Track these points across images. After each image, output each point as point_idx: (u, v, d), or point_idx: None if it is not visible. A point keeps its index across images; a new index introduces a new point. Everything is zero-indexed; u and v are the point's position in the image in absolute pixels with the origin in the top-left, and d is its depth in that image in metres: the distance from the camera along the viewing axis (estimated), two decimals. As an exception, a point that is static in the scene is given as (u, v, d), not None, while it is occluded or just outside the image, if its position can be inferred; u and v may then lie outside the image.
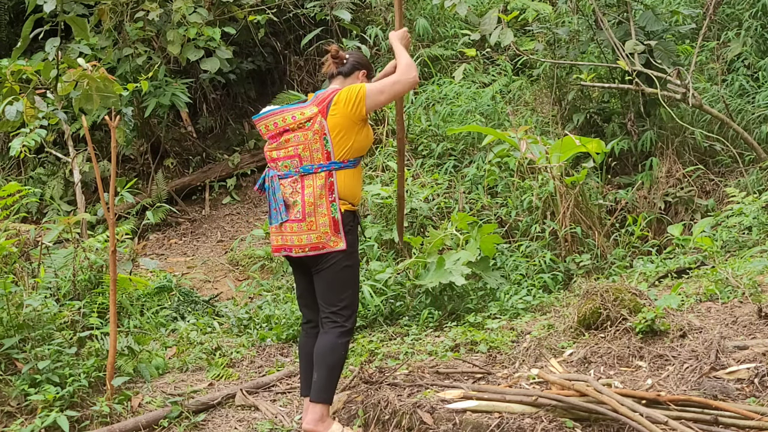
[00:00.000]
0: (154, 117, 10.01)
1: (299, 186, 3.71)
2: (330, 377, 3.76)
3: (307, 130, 3.71)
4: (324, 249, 3.67)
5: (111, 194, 4.47)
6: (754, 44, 8.42)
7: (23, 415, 4.21)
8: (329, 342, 3.75)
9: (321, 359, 3.76)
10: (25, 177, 9.98)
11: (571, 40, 8.63)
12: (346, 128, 3.72)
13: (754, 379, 3.62)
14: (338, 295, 3.77)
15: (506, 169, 7.23)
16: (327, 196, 3.69)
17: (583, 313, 4.45)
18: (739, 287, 4.78)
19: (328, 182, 3.70)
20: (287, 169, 3.75)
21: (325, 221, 3.67)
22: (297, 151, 3.72)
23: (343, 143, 3.72)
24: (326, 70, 3.96)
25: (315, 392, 3.76)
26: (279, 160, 3.78)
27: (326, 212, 3.68)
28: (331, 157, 3.70)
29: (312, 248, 3.68)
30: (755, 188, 7.05)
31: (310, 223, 3.68)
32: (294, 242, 3.72)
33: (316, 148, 3.70)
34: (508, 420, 3.47)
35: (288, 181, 3.74)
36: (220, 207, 10.09)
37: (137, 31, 8.84)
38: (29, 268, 5.86)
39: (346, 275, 3.77)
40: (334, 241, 3.67)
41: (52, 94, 4.63)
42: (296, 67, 10.93)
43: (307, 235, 3.68)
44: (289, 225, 3.73)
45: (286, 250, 3.78)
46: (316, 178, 3.70)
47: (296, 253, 3.73)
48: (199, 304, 6.82)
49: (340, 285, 3.77)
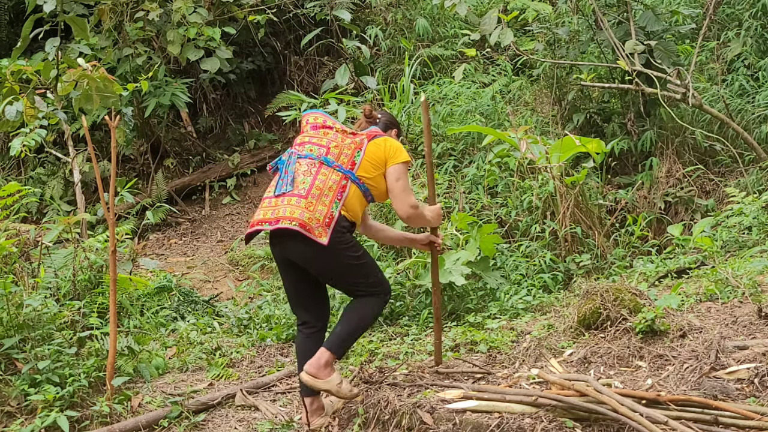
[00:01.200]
0: (154, 117, 10.01)
1: (315, 170, 3.79)
2: (348, 335, 3.85)
3: (347, 137, 3.91)
4: (308, 233, 3.64)
5: (111, 194, 4.47)
6: (754, 44, 8.42)
7: (23, 415, 4.21)
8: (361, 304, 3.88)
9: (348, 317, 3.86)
10: (25, 177, 9.98)
11: (571, 40, 8.63)
12: (377, 162, 3.92)
13: (754, 379, 3.62)
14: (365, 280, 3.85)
15: (506, 169, 7.22)
16: (336, 193, 3.76)
17: (583, 313, 4.45)
18: (739, 287, 4.78)
19: (342, 183, 3.79)
20: (310, 152, 3.85)
21: (323, 211, 3.70)
22: (329, 144, 3.87)
23: (368, 168, 3.90)
24: (358, 127, 4.15)
25: (330, 341, 3.82)
26: (306, 144, 3.90)
27: (327, 205, 3.72)
28: (355, 168, 3.85)
29: (300, 224, 3.65)
30: (755, 188, 7.05)
31: (310, 203, 3.70)
32: (285, 213, 3.69)
33: (347, 154, 3.86)
34: (508, 420, 3.47)
35: (306, 161, 3.82)
36: (220, 207, 10.09)
37: (137, 31, 8.84)
38: (29, 268, 5.85)
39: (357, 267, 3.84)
40: (319, 232, 3.66)
41: (52, 94, 4.63)
42: (296, 67, 10.94)
43: (301, 211, 3.68)
44: (287, 198, 3.74)
45: (270, 223, 3.71)
46: (333, 173, 3.79)
47: (283, 224, 3.66)
48: (199, 304, 6.82)
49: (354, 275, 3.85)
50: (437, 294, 4.40)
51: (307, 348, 3.89)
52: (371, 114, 4.17)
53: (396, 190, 3.94)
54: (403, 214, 3.99)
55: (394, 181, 3.94)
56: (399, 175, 3.94)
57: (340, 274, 3.87)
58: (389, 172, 3.94)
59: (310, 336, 3.95)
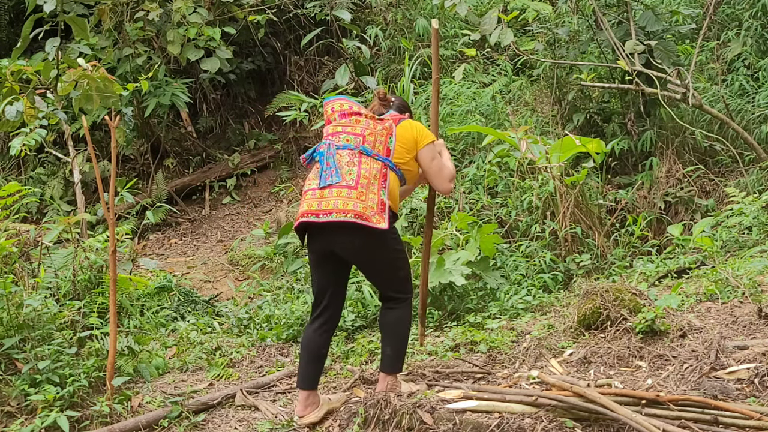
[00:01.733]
0: (154, 117, 10.01)
1: (357, 159, 3.79)
2: (402, 348, 3.96)
3: (377, 123, 3.90)
4: (366, 222, 3.64)
5: (111, 194, 4.47)
6: (754, 44, 8.42)
7: (23, 415, 4.21)
8: (400, 315, 3.92)
9: (394, 331, 3.93)
10: (25, 177, 9.98)
11: (571, 40, 8.63)
12: (408, 146, 3.97)
13: (754, 379, 3.62)
14: (397, 272, 3.90)
15: (506, 169, 7.22)
16: (381, 180, 3.77)
17: (583, 313, 4.45)
18: (739, 287, 4.78)
19: (383, 171, 3.80)
20: (348, 142, 3.84)
21: (375, 198, 3.71)
22: (363, 132, 3.86)
23: (402, 153, 3.94)
24: (371, 109, 4.15)
25: (388, 365, 3.93)
26: (341, 134, 3.87)
27: (377, 192, 3.73)
28: (390, 155, 3.87)
29: (356, 215, 3.64)
30: (755, 188, 7.05)
31: (361, 193, 3.70)
32: (338, 206, 3.67)
33: (381, 141, 3.86)
34: (508, 420, 3.47)
35: (346, 152, 3.81)
36: (220, 207, 10.09)
37: (137, 31, 8.85)
38: (29, 268, 5.85)
39: (400, 256, 3.90)
40: (377, 219, 3.67)
41: (52, 94, 4.63)
42: (296, 67, 10.94)
43: (354, 202, 3.67)
44: (336, 189, 3.71)
45: (320, 216, 3.68)
46: (374, 162, 3.80)
47: (337, 217, 3.64)
48: (199, 304, 6.82)
49: (397, 265, 3.90)
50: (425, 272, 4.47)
51: (314, 343, 3.92)
52: (386, 97, 4.19)
53: (433, 170, 4.03)
54: (445, 190, 4.13)
55: (430, 161, 4.01)
56: (433, 155, 4.02)
57: (385, 263, 3.89)
58: (422, 154, 4.01)
59: (318, 333, 3.95)
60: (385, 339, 3.96)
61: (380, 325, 4.03)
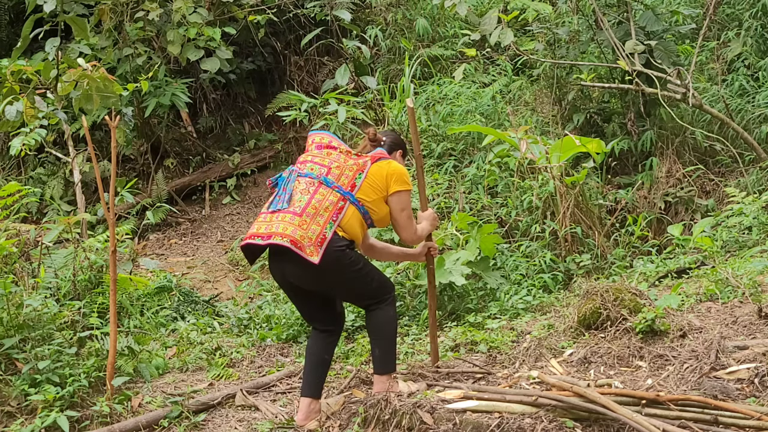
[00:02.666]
0: (154, 117, 10.01)
1: (313, 188, 3.80)
2: (390, 347, 3.98)
3: (350, 159, 3.91)
4: (299, 251, 3.65)
5: (111, 194, 4.47)
6: (754, 44, 8.42)
7: (23, 415, 4.21)
8: (381, 316, 3.94)
9: (379, 332, 3.95)
10: (25, 177, 9.97)
11: (571, 40, 8.62)
12: (377, 186, 3.92)
13: (754, 379, 3.62)
14: (367, 289, 3.92)
15: (506, 169, 7.22)
16: (331, 214, 3.76)
17: (583, 313, 4.45)
18: (739, 287, 4.78)
19: (339, 205, 3.79)
20: (311, 171, 3.86)
21: (316, 230, 3.71)
22: (330, 165, 3.88)
23: (368, 191, 3.89)
24: (362, 149, 4.13)
25: (378, 366, 3.94)
26: (308, 163, 3.91)
27: (321, 225, 3.72)
28: (355, 190, 3.85)
29: (291, 241, 3.66)
30: (755, 188, 7.05)
31: (303, 221, 3.71)
32: (279, 230, 3.71)
33: (348, 175, 3.87)
34: (508, 420, 3.47)
35: (305, 180, 3.84)
36: (220, 207, 10.09)
37: (137, 31, 8.84)
38: (29, 268, 5.86)
39: (362, 272, 3.88)
40: (310, 251, 3.67)
41: (52, 94, 4.63)
42: (296, 67, 10.93)
43: (294, 228, 3.69)
44: (282, 214, 3.75)
45: (263, 238, 3.74)
46: (331, 194, 3.79)
47: (275, 239, 3.69)
48: (199, 304, 6.82)
49: (364, 281, 3.90)
50: (433, 299, 4.41)
51: (318, 349, 3.95)
52: (375, 138, 4.15)
53: (401, 220, 3.99)
54: (409, 242, 4.13)
55: (399, 211, 3.97)
56: (404, 205, 3.97)
57: (343, 288, 3.93)
58: (393, 201, 3.96)
59: (322, 338, 3.98)
60: (372, 341, 4.00)
61: (367, 328, 4.08)
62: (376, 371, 3.97)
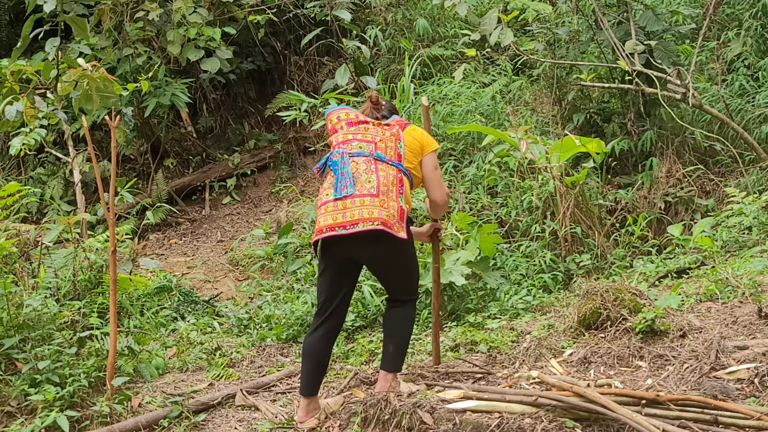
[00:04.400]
0: (154, 117, 10.01)
1: (374, 167, 3.79)
2: (404, 347, 3.99)
3: (385, 129, 3.92)
4: (390, 230, 3.67)
5: (111, 194, 4.47)
6: (754, 44, 8.42)
7: (23, 415, 4.21)
8: (405, 314, 3.96)
9: (397, 329, 3.96)
10: (25, 177, 9.98)
11: (571, 40, 8.63)
12: (415, 150, 3.97)
13: (754, 379, 3.62)
14: (411, 277, 3.96)
15: (506, 169, 7.23)
16: (398, 188, 3.79)
17: (583, 313, 4.45)
18: (739, 287, 4.78)
19: (399, 176, 3.82)
20: (361, 149, 3.84)
21: (395, 206, 3.73)
22: (374, 139, 3.88)
23: (410, 158, 3.95)
24: (363, 112, 4.14)
25: (390, 363, 3.93)
26: (353, 141, 3.87)
27: (396, 200, 3.75)
28: (402, 159, 3.88)
29: (382, 223, 3.65)
30: (755, 188, 7.05)
31: (383, 201, 3.71)
32: (363, 215, 3.66)
33: (391, 146, 3.88)
34: (508, 420, 3.47)
35: (362, 159, 3.81)
36: (220, 207, 10.09)
37: (137, 31, 8.85)
38: (29, 268, 5.86)
39: (414, 261, 3.96)
40: (398, 228, 3.71)
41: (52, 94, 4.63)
42: (296, 67, 10.94)
43: (379, 210, 3.68)
44: (359, 199, 3.70)
45: (347, 227, 3.66)
46: (389, 168, 3.81)
47: (364, 226, 3.64)
48: (199, 304, 6.82)
49: (411, 271, 3.96)
50: (437, 297, 4.41)
51: (317, 349, 3.92)
52: (378, 101, 4.17)
53: (435, 178, 4.04)
54: (441, 200, 4.09)
55: (433, 169, 4.02)
56: (436, 163, 4.05)
57: (402, 269, 3.92)
58: (426, 162, 4.01)
59: (322, 338, 3.95)
60: (388, 337, 3.96)
61: (384, 323, 4.03)
62: (383, 367, 3.94)
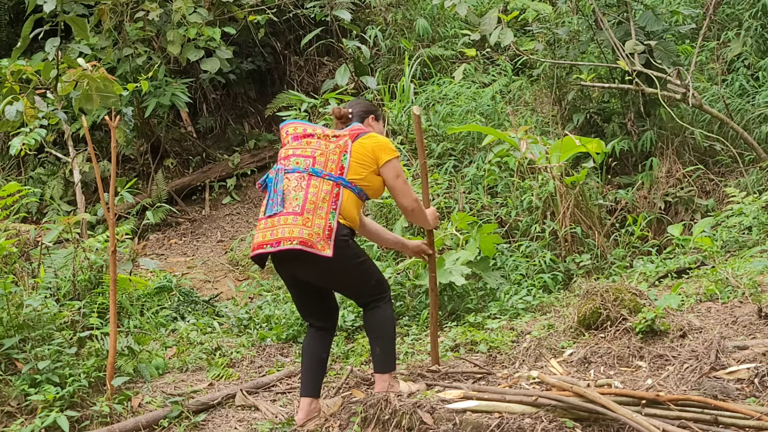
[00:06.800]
0: (154, 117, 10.01)
1: (305, 183, 3.75)
2: (390, 346, 3.96)
3: (330, 142, 3.86)
4: (311, 249, 3.64)
5: (111, 194, 4.47)
6: (754, 44, 8.42)
7: (23, 415, 4.21)
8: (380, 315, 3.92)
9: (378, 331, 3.93)
10: (25, 177, 9.98)
11: (571, 40, 8.62)
12: (365, 162, 3.88)
13: (754, 379, 3.62)
14: (364, 284, 3.90)
15: (506, 169, 7.22)
16: (330, 203, 3.73)
17: (583, 313, 4.45)
18: (739, 287, 4.78)
19: (334, 192, 3.76)
20: (297, 165, 3.81)
21: (321, 224, 3.68)
22: (314, 153, 3.82)
23: (358, 170, 3.86)
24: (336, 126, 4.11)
25: (381, 365, 3.92)
26: (291, 157, 3.85)
27: (324, 217, 3.70)
28: (344, 173, 3.81)
29: (301, 242, 3.64)
30: (755, 188, 7.05)
31: (306, 219, 3.68)
32: (285, 234, 3.68)
33: (333, 159, 3.81)
34: (508, 420, 3.47)
35: (294, 176, 3.78)
36: (220, 207, 10.09)
37: (137, 31, 8.85)
38: (29, 268, 5.85)
39: (362, 269, 3.87)
40: (322, 246, 3.65)
41: (52, 94, 4.63)
42: (296, 67, 10.94)
43: (300, 229, 3.66)
44: (283, 217, 3.71)
45: (272, 245, 3.70)
46: (323, 183, 3.76)
47: (284, 245, 3.66)
48: (199, 304, 6.82)
49: (361, 279, 3.89)
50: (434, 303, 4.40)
51: (315, 347, 3.95)
52: (341, 115, 4.10)
53: (397, 186, 3.95)
54: (408, 207, 4.00)
55: (394, 178, 3.93)
56: (397, 171, 3.94)
57: (348, 282, 3.92)
58: (386, 171, 3.92)
59: (318, 336, 3.98)
60: (372, 340, 3.98)
61: (365, 327, 4.05)
62: (377, 370, 3.96)
